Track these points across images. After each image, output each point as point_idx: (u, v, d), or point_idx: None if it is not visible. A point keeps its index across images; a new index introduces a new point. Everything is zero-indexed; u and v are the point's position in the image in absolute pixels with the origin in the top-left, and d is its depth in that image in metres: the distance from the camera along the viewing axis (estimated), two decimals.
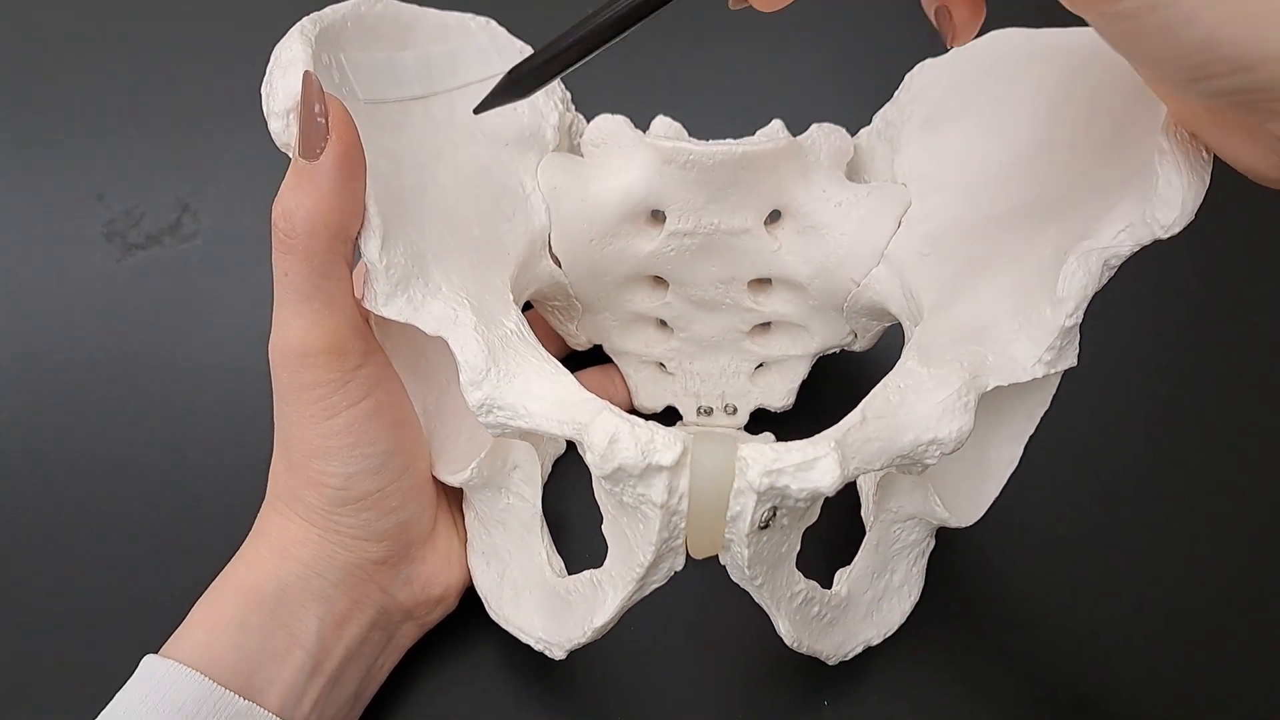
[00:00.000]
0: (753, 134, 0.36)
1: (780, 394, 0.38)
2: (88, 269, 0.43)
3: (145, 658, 0.29)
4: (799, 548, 0.28)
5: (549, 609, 0.31)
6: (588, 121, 0.36)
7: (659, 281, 0.37)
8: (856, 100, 0.39)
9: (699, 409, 0.39)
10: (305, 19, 0.29)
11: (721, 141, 0.34)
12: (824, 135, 0.35)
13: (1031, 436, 0.31)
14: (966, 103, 0.34)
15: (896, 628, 0.33)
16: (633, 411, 0.40)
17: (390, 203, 0.28)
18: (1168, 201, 0.25)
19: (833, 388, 0.39)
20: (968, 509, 0.32)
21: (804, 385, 0.39)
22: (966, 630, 0.35)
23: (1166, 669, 0.34)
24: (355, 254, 0.28)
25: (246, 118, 0.45)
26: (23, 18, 0.50)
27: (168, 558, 0.37)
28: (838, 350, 0.38)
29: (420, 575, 0.32)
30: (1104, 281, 0.27)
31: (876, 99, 0.37)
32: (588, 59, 0.28)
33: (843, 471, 0.25)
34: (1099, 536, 0.37)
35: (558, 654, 0.31)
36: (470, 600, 0.33)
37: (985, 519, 0.32)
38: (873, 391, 0.28)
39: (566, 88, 0.37)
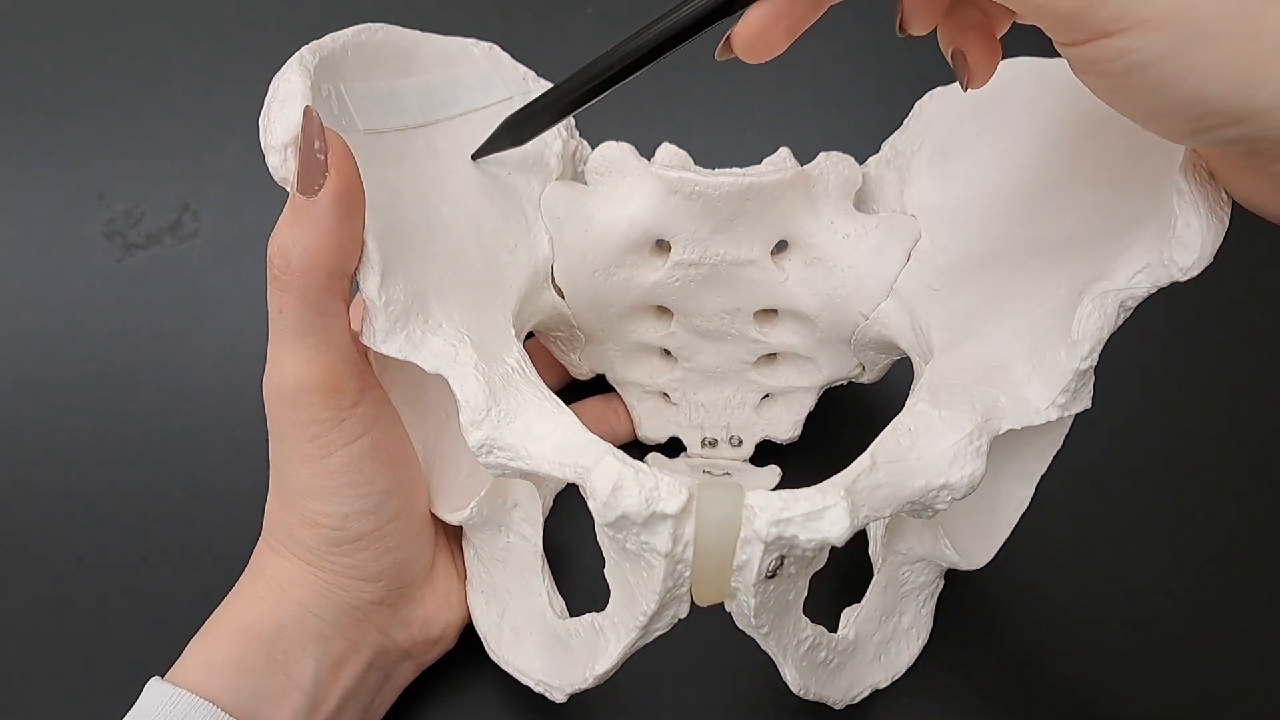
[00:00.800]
0: (759, 162, 0.35)
1: (786, 426, 0.38)
2: (88, 268, 0.43)
3: (151, 681, 0.28)
4: (806, 594, 0.28)
5: (549, 651, 0.30)
6: (592, 148, 0.36)
7: (663, 311, 0.37)
8: (864, 127, 0.38)
9: (703, 440, 0.38)
10: (304, 49, 0.29)
11: (727, 171, 0.33)
12: (832, 164, 0.34)
13: (1042, 475, 0.31)
14: (978, 134, 0.33)
15: (904, 670, 0.32)
16: (636, 443, 0.39)
17: (390, 238, 0.28)
18: (1186, 244, 0.25)
19: (839, 420, 0.39)
20: (978, 551, 0.31)
21: (810, 417, 0.38)
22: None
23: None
24: (353, 288, 0.28)
25: (247, 117, 0.46)
26: (23, 18, 0.50)
27: (167, 559, 0.37)
28: (845, 382, 0.37)
29: (419, 615, 0.31)
30: (1119, 323, 0.26)
31: (884, 126, 0.36)
32: (585, 106, 0.29)
33: (852, 521, 0.24)
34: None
35: (558, 697, 0.30)
36: (469, 638, 0.33)
37: (994, 559, 0.31)
38: (882, 434, 0.27)
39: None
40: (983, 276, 0.31)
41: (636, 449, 0.39)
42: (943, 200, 0.33)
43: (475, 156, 0.31)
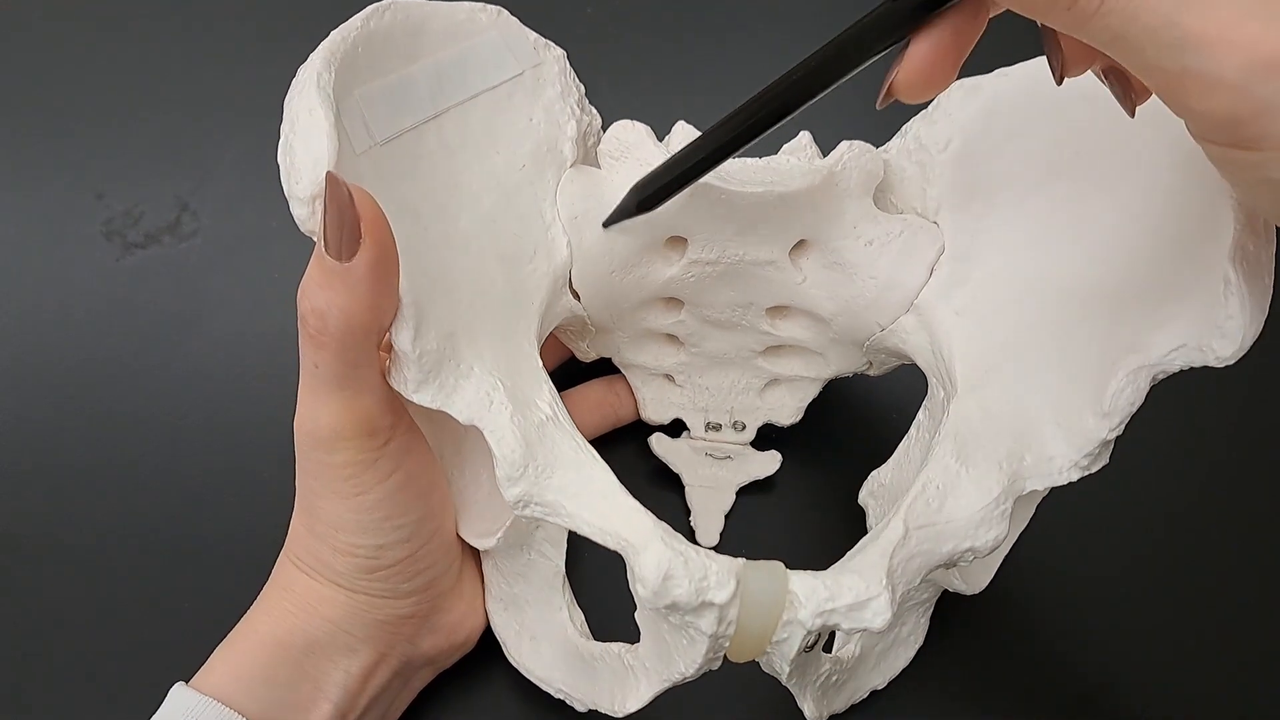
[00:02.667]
0: (778, 145, 0.34)
1: (789, 411, 0.38)
2: (87, 268, 0.42)
3: (176, 686, 0.29)
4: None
5: (571, 665, 0.32)
6: (604, 121, 0.34)
7: (673, 301, 0.36)
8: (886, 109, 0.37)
9: (707, 424, 0.38)
10: (319, 64, 0.26)
11: (752, 166, 0.32)
12: (854, 157, 0.33)
13: None
14: (1006, 139, 0.32)
15: (900, 671, 0.34)
16: (638, 423, 0.39)
17: (418, 274, 0.26)
18: (1227, 335, 0.25)
19: (841, 403, 0.39)
20: (979, 575, 0.32)
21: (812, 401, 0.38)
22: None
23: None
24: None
25: (246, 116, 0.45)
26: (21, 16, 0.48)
27: (166, 560, 0.37)
28: (851, 375, 0.37)
29: (446, 624, 0.32)
30: (1146, 392, 0.27)
31: (906, 107, 0.35)
32: (715, 165, 0.29)
33: (893, 610, 0.25)
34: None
35: (580, 707, 0.31)
36: (488, 639, 0.33)
37: None
38: (911, 495, 0.28)
39: (580, 81, 0.35)
40: (1008, 310, 0.31)
41: (640, 429, 0.39)
42: (967, 214, 0.33)
43: (607, 225, 0.32)
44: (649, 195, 0.30)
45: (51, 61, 0.47)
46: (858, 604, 0.25)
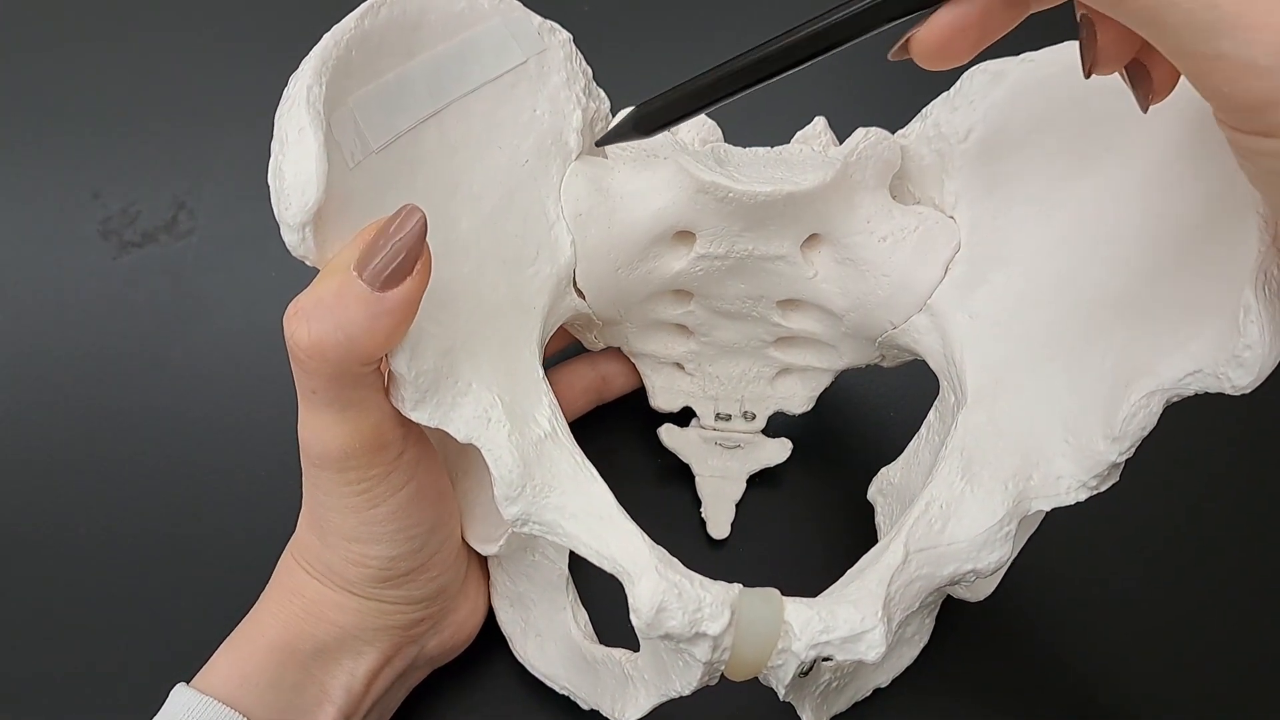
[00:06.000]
0: (790, 129, 0.33)
1: (800, 400, 0.38)
2: (83, 267, 0.43)
3: (177, 686, 0.29)
4: None
5: (574, 665, 0.32)
6: (611, 104, 0.33)
7: (683, 292, 0.35)
8: (901, 89, 0.35)
9: (717, 414, 0.38)
10: (309, 77, 0.25)
11: (762, 157, 0.31)
12: (870, 145, 0.32)
13: None
14: (1029, 131, 0.31)
15: (904, 669, 0.34)
16: (647, 409, 0.39)
17: None
18: (1245, 364, 0.24)
19: (852, 395, 0.39)
20: (983, 585, 0.32)
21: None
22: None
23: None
24: None
25: (243, 114, 0.44)
26: (18, 15, 0.49)
27: (164, 559, 0.37)
28: (864, 366, 0.37)
29: (452, 625, 0.32)
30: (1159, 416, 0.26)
31: (926, 88, 0.34)
32: (726, 101, 0.26)
33: (888, 642, 0.25)
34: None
35: (583, 705, 0.32)
36: (495, 633, 0.34)
37: None
38: (914, 515, 0.27)
39: (587, 63, 0.34)
40: (1023, 318, 0.30)
41: (648, 420, 0.39)
42: (985, 210, 0.31)
43: (599, 144, 0.29)
44: (652, 120, 0.27)
45: (48, 61, 0.47)
46: (852, 636, 0.25)
